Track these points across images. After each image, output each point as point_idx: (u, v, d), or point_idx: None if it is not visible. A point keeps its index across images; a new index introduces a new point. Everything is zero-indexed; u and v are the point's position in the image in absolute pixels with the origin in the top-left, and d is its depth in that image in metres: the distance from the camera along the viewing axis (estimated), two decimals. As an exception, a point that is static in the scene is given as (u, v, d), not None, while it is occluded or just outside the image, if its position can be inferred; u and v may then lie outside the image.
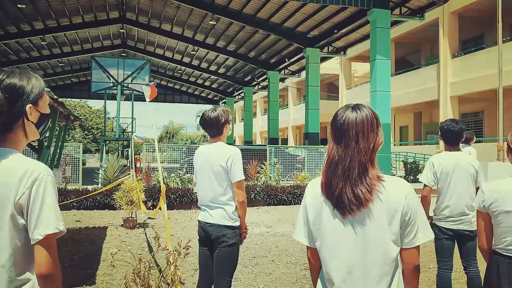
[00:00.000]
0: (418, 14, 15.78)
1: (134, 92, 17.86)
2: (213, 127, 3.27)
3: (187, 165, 12.50)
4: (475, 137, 8.57)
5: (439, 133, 4.01)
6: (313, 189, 1.72)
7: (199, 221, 3.33)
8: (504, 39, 17.84)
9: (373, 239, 1.59)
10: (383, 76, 14.86)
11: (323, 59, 23.39)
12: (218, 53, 25.84)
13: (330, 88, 35.50)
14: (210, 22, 20.52)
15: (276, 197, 11.50)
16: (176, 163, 15.01)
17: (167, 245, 3.90)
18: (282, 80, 30.12)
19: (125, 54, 27.84)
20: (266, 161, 13.34)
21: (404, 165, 18.03)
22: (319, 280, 1.73)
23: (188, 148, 16.67)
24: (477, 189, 3.90)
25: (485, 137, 19.39)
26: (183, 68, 31.28)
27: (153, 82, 7.26)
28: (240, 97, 35.76)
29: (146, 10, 21.63)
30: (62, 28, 22.03)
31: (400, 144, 25.37)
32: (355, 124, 1.63)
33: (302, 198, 3.61)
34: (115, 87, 17.98)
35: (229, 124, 3.32)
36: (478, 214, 2.28)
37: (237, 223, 3.23)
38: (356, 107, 1.68)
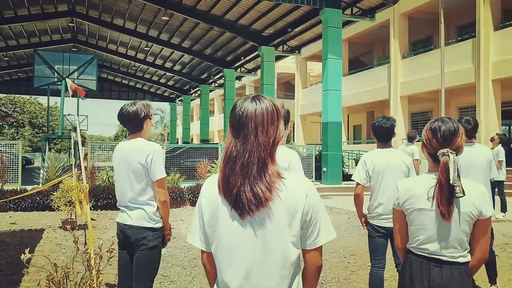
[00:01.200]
0: (369, 15, 16.06)
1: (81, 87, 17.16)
2: (131, 123, 3.06)
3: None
4: (418, 136, 8.77)
5: (372, 131, 4.00)
6: (210, 187, 1.59)
7: (117, 223, 3.13)
8: (451, 40, 18.53)
9: (273, 241, 1.48)
10: (335, 75, 15.02)
11: (278, 58, 23.45)
12: (173, 50, 25.39)
13: (287, 87, 35.74)
14: (163, 18, 20.11)
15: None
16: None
17: (89, 248, 3.66)
18: (239, 78, 30.00)
19: (75, 49, 26.82)
20: (217, 159, 13.16)
21: (356, 163, 18.36)
22: (215, 287, 1.60)
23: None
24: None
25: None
26: (137, 64, 30.54)
27: (73, 83, 6.93)
28: (196, 95, 35.34)
29: (97, 3, 20.90)
30: (7, 20, 20.92)
31: (354, 143, 25.83)
32: (254, 116, 1.50)
33: None
34: (60, 83, 17.20)
35: (150, 119, 3.11)
36: (394, 212, 2.22)
37: (159, 225, 3.04)
38: (256, 98, 1.55)
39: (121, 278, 3.14)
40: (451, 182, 1.94)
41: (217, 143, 16.72)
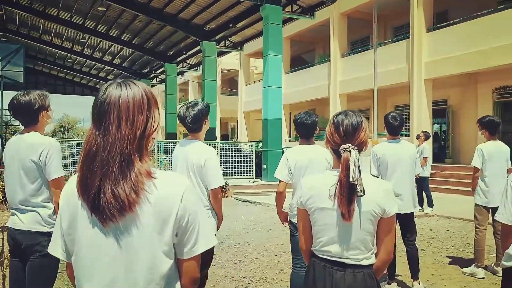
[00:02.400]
0: (309, 13, 16.20)
1: (5, 79, 15.94)
2: (24, 115, 2.72)
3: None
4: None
5: (295, 126, 3.90)
6: (69, 189, 1.36)
7: (8, 228, 2.79)
8: (387, 41, 19.11)
9: (139, 252, 1.27)
10: (275, 72, 15.01)
11: (221, 53, 23.23)
12: (112, 43, 24.39)
13: (232, 84, 35.54)
14: (100, 9, 19.22)
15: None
16: (66, 159, 13.74)
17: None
18: (181, 73, 29.42)
19: (5, 39, 25.09)
20: (153, 157, 12.74)
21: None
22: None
23: (78, 144, 15.38)
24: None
25: (371, 134, 20.61)
26: (74, 57, 29.12)
27: None
28: (138, 90, 34.25)
29: (27, -10, 19.62)
30: None
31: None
32: (118, 104, 1.29)
33: None
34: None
35: (46, 111, 2.79)
36: (297, 211, 2.09)
37: (56, 229, 2.74)
38: (124, 83, 1.34)
39: (12, 290, 2.81)
40: (350, 180, 1.83)
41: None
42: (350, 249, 1.91)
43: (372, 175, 4.67)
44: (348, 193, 1.85)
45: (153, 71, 29.28)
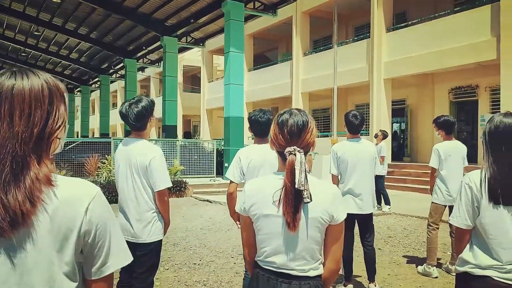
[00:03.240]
0: (271, 10, 16.09)
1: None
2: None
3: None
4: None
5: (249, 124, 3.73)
6: None
7: None
8: (347, 40, 19.29)
9: (35, 273, 1.07)
10: (237, 69, 14.82)
11: (182, 49, 22.80)
12: (69, 36, 23.44)
13: (195, 80, 35.05)
14: (55, 0, 18.39)
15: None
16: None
17: None
18: (142, 69, 28.73)
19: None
20: (110, 155, 12.27)
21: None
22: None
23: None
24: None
25: (337, 132, 20.80)
26: (28, 50, 27.83)
27: None
28: (97, 85, 33.27)
29: (-25, -21, 18.54)
30: None
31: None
32: (11, 96, 1.08)
33: None
34: None
35: None
36: (240, 218, 1.92)
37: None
38: (20, 72, 1.13)
39: None
40: (296, 185, 1.67)
41: (110, 137, 15.61)
42: (296, 259, 1.76)
43: (332, 174, 4.59)
44: (293, 199, 1.69)
45: (113, 67, 28.45)
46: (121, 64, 26.31)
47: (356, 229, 4.61)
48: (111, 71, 29.36)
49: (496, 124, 2.19)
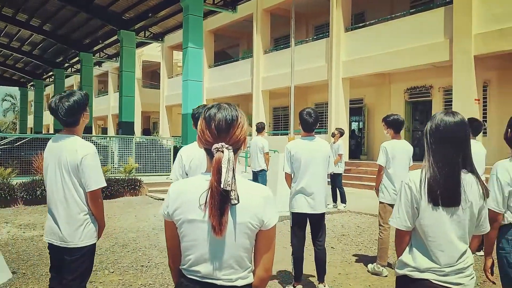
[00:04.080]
0: (231, 7, 15.91)
1: None
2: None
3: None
4: (265, 129, 8.74)
5: (193, 122, 3.57)
6: None
7: None
8: (308, 39, 19.40)
9: None
10: (196, 65, 14.54)
11: (140, 44, 22.24)
12: (20, 28, 22.35)
13: (154, 76, 34.35)
14: (4, -11, 17.48)
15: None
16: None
17: None
18: (99, 64, 27.84)
19: None
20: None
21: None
22: None
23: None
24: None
25: (295, 130, 20.87)
26: (-25, 41, 26.38)
27: None
28: (51, 80, 31.96)
29: None
30: None
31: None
32: None
33: (102, 193, 2.71)
34: None
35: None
36: (164, 224, 1.76)
37: None
38: None
39: None
40: (222, 185, 1.53)
41: (53, 134, 14.91)
42: (222, 268, 1.62)
43: (286, 172, 4.49)
44: (219, 201, 1.55)
45: (68, 61, 27.41)
46: (77, 58, 25.40)
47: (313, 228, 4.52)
48: (66, 65, 28.30)
49: (437, 123, 2.14)
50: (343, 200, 9.63)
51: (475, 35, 12.07)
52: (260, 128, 8.59)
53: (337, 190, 9.74)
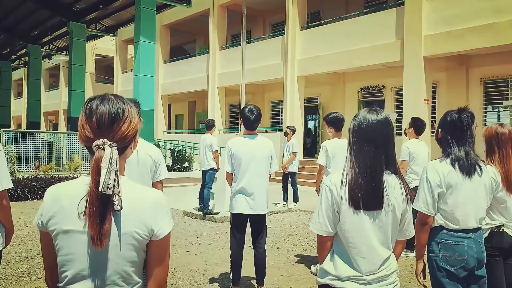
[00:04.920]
0: (185, 1, 15.53)
1: None
2: None
3: None
4: (215, 125, 8.52)
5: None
6: None
7: None
8: (264, 36, 19.29)
9: None
10: (148, 59, 14.08)
11: (92, 37, 21.41)
12: (-40, 16, 21.01)
13: (109, 71, 33.29)
14: None
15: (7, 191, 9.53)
16: None
17: None
18: (49, 56, 26.64)
19: None
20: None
21: (171, 153, 17.82)
22: None
23: None
24: (157, 184, 3.40)
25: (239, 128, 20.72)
26: None
27: None
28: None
29: None
30: None
31: (176, 133, 25.30)
32: None
33: (43, 192, 2.34)
34: None
35: None
36: (40, 235, 1.52)
37: None
38: None
39: None
40: (100, 188, 1.32)
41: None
42: (105, 285, 1.40)
43: (226, 172, 4.30)
44: (99, 207, 1.33)
45: (15, 53, 26.05)
46: (25, 50, 24.17)
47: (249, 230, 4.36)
48: (13, 57, 26.90)
49: (360, 121, 2.01)
50: (295, 199, 9.57)
51: (425, 36, 12.32)
52: (209, 126, 8.36)
53: (289, 189, 9.66)
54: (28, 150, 11.94)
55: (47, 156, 12.41)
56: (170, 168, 17.51)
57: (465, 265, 2.53)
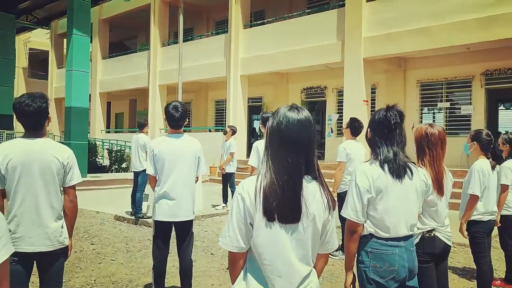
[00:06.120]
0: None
1: None
2: None
3: None
4: (148, 124, 8.09)
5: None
6: None
7: None
8: (208, 33, 18.91)
9: None
10: (81, 54, 13.30)
11: (23, 29, 20.09)
12: None
13: (44, 66, 31.44)
14: None
15: None
16: None
17: None
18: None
19: None
20: None
21: (108, 153, 17.03)
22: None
23: None
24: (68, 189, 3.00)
25: (192, 127, 20.25)
26: None
27: None
28: None
29: None
30: None
31: (116, 132, 24.29)
32: None
33: None
34: None
35: None
36: None
37: None
38: None
39: None
40: None
41: None
42: None
43: (149, 175, 3.92)
44: None
45: None
46: None
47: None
48: None
49: (279, 119, 1.74)
50: (225, 200, 9.30)
51: (364, 38, 12.46)
52: (141, 125, 7.88)
53: (229, 190, 9.37)
54: None
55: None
56: (107, 169, 16.71)
57: (395, 276, 2.35)
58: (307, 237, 1.69)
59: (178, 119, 3.82)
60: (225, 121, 17.17)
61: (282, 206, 1.63)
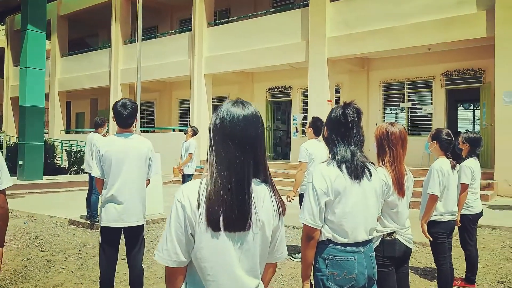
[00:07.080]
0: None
1: None
2: None
3: None
4: (106, 124, 7.74)
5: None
6: None
7: None
8: (172, 31, 18.52)
9: None
10: (37, 51, 12.72)
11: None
12: None
13: (1, 64, 30.10)
14: None
15: None
16: None
17: None
18: None
19: None
20: None
21: (67, 154, 16.41)
22: None
23: None
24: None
25: (155, 127, 19.81)
26: None
27: None
28: None
29: None
30: None
31: (76, 132, 23.49)
32: None
33: None
34: None
35: None
36: None
37: None
38: None
39: None
40: None
41: None
42: None
43: (96, 177, 3.66)
44: None
45: None
46: None
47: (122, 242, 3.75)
48: None
49: (222, 116, 1.55)
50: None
51: (328, 38, 12.47)
52: (97, 124, 7.50)
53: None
54: None
55: None
56: (66, 171, 16.09)
57: (354, 284, 2.20)
58: (256, 247, 1.52)
59: (126, 117, 3.58)
60: (189, 121, 16.85)
61: (229, 213, 1.45)
